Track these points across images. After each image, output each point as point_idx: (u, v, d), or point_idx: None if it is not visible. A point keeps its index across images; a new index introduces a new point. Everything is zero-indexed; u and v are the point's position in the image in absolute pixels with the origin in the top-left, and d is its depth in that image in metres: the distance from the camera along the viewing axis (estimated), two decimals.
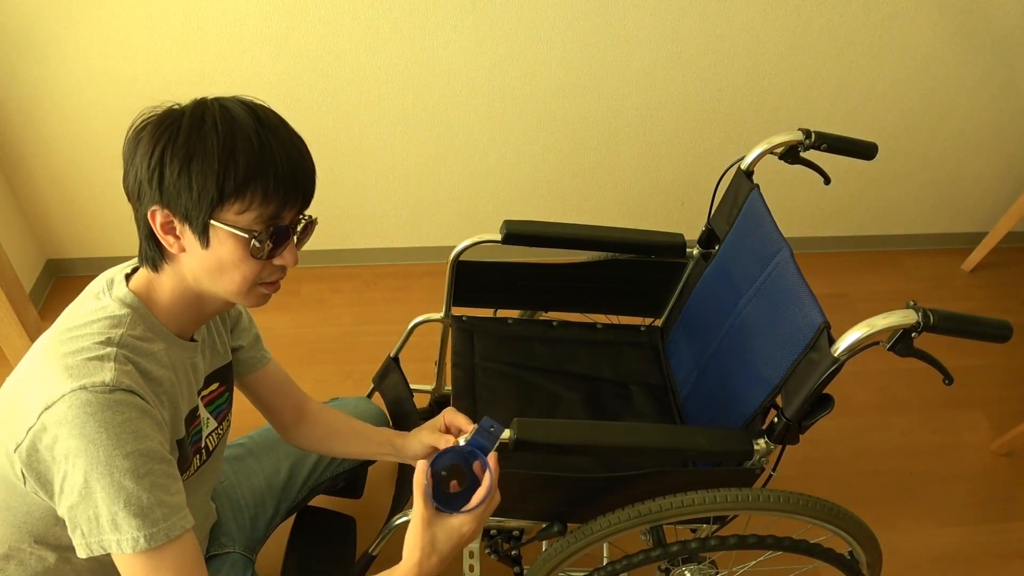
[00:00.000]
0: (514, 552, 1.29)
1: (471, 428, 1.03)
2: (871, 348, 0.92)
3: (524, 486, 1.11)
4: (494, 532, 1.27)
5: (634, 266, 1.42)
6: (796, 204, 2.35)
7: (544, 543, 1.32)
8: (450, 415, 1.10)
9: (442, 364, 1.57)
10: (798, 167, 1.27)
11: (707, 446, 1.06)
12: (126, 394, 0.78)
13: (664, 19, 1.86)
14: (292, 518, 1.38)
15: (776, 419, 1.02)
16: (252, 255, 0.82)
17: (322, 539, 1.40)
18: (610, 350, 1.46)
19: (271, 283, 0.88)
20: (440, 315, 1.45)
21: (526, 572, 1.20)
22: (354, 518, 1.46)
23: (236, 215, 0.79)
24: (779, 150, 1.26)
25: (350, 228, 2.22)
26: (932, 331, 0.90)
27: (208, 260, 0.82)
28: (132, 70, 1.79)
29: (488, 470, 0.90)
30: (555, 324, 1.49)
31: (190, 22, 1.73)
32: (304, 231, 0.87)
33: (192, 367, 0.95)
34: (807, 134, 1.23)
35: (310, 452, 1.31)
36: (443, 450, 0.93)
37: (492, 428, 0.93)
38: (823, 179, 1.27)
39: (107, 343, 0.81)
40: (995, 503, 1.80)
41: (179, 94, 0.82)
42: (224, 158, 0.76)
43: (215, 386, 1.03)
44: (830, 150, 1.25)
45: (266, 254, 0.83)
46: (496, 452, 0.92)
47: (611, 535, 1.07)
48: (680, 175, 2.21)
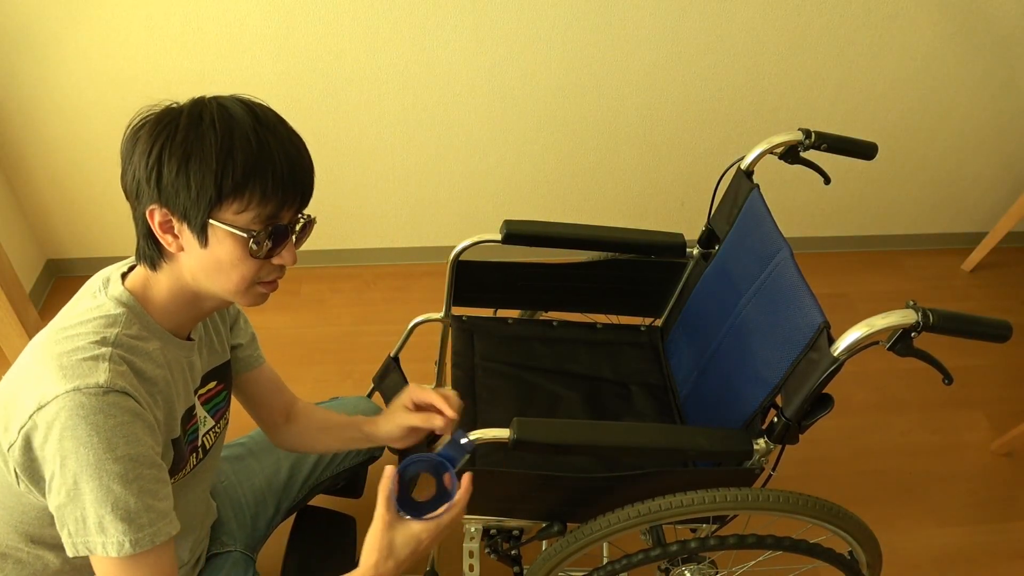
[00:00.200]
0: (514, 552, 1.29)
1: (447, 433, 1.05)
2: (871, 348, 0.92)
3: (524, 486, 1.11)
4: (494, 532, 1.27)
5: (634, 266, 1.42)
6: (796, 204, 2.35)
7: (544, 543, 1.32)
8: (416, 393, 1.11)
9: (442, 364, 1.57)
10: (798, 167, 1.27)
11: (707, 446, 1.06)
12: (119, 396, 0.78)
13: (664, 19, 1.86)
14: (292, 518, 1.38)
15: (776, 419, 1.02)
16: (251, 255, 0.81)
17: (322, 539, 1.40)
18: (610, 350, 1.46)
19: (269, 282, 0.87)
20: (440, 315, 1.45)
21: (526, 572, 1.20)
22: (354, 518, 1.46)
23: (235, 215, 0.79)
24: (779, 150, 1.26)
25: (350, 228, 2.22)
26: (932, 331, 0.90)
27: (206, 259, 0.81)
28: (132, 70, 1.79)
29: (455, 482, 0.90)
30: (555, 324, 1.49)
31: (190, 22, 1.73)
32: (303, 230, 0.87)
33: (189, 366, 0.94)
34: (807, 134, 1.23)
35: (298, 451, 1.31)
36: (413, 456, 0.93)
37: (463, 441, 0.94)
38: (823, 179, 1.27)
39: (102, 343, 0.80)
40: (995, 503, 1.80)
41: (179, 94, 0.82)
42: (222, 157, 0.76)
43: (213, 384, 1.03)
44: (830, 150, 1.25)
45: (264, 253, 0.82)
46: (470, 471, 0.92)
47: (611, 535, 1.07)
48: (680, 175, 2.21)
